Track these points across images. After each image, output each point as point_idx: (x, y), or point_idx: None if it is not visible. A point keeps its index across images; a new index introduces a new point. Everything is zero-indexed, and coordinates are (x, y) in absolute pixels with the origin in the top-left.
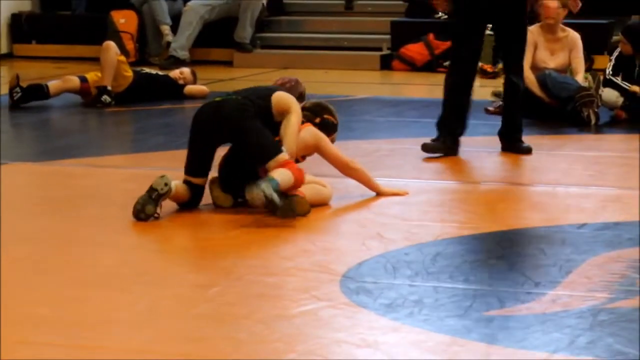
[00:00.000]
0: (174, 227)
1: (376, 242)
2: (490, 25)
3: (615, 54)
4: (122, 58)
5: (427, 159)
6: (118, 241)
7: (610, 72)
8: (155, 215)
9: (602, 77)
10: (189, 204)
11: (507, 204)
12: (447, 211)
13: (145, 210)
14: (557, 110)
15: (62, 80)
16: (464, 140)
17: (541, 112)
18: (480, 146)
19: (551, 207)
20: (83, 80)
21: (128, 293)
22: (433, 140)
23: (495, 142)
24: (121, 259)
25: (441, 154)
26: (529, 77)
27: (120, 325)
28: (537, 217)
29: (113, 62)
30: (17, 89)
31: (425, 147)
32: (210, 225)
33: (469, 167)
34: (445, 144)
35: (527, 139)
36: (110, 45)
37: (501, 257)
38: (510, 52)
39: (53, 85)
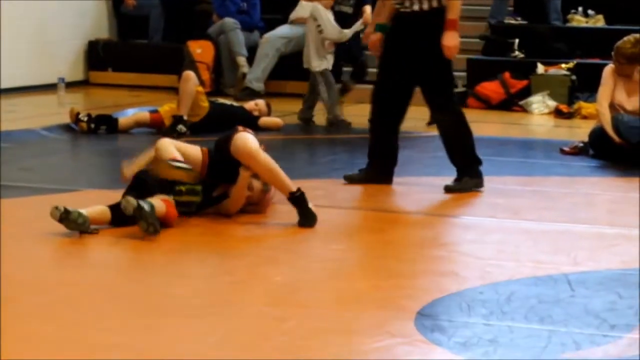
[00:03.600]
0: (248, 259)
1: (451, 280)
2: (566, 65)
3: None
4: (200, 89)
5: (503, 198)
6: (192, 271)
7: None
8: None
9: None
10: None
11: (583, 245)
12: (522, 250)
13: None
14: (630, 152)
15: (132, 115)
16: (540, 180)
17: (615, 153)
18: (554, 186)
19: (627, 250)
20: (153, 111)
21: (201, 323)
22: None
23: (570, 182)
24: (195, 288)
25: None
26: (605, 114)
27: (193, 356)
28: (613, 259)
29: (192, 93)
30: (81, 116)
31: (348, 178)
32: (282, 259)
33: (544, 207)
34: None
35: (602, 181)
36: (191, 75)
37: (576, 299)
38: (427, 90)
39: (123, 119)
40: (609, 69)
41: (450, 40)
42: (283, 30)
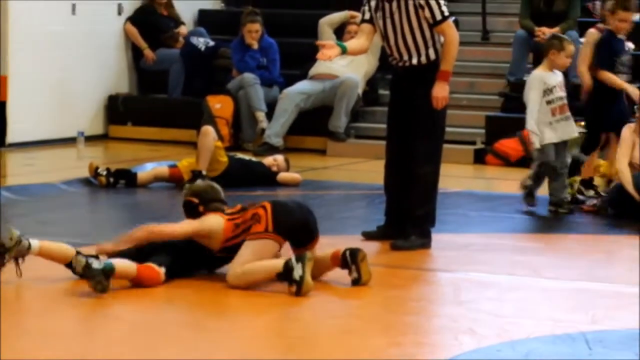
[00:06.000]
0: (266, 315)
1: (468, 337)
2: (584, 123)
3: None
4: (219, 143)
5: (522, 255)
6: (211, 325)
7: None
8: None
9: None
10: None
11: (602, 303)
12: (541, 309)
13: None
14: None
15: (151, 170)
16: (559, 238)
17: (634, 211)
18: (573, 244)
19: None
20: (172, 166)
21: None
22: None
23: (590, 240)
24: (214, 343)
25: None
26: (625, 173)
27: None
28: (632, 318)
29: (210, 147)
30: (100, 170)
31: (365, 234)
32: (299, 314)
33: (563, 265)
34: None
35: (621, 239)
36: (209, 130)
37: (594, 357)
38: (417, 139)
39: (142, 173)
40: (628, 128)
41: (440, 91)
42: (302, 85)
